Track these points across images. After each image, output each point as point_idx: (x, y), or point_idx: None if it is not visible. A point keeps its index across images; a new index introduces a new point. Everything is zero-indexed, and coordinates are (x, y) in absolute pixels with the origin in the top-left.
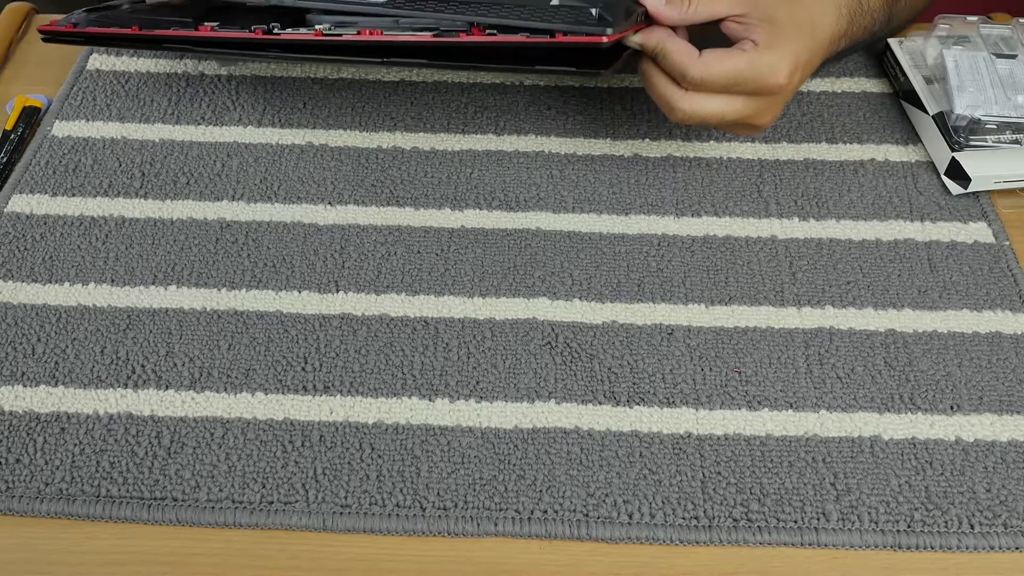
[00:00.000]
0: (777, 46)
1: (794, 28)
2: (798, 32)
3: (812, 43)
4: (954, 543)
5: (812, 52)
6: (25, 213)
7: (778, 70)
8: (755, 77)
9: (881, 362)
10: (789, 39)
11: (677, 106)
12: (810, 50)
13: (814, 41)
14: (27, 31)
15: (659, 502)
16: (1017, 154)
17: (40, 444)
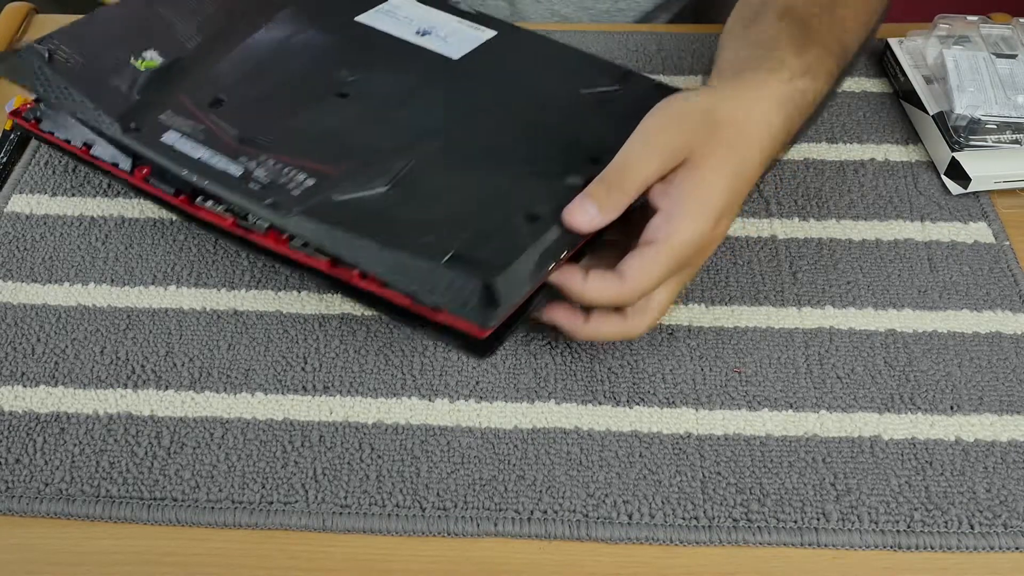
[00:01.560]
0: (695, 206)
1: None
2: (721, 179)
3: (738, 182)
4: (954, 543)
5: (739, 190)
6: (25, 213)
7: (702, 235)
8: (683, 257)
9: (881, 362)
10: (709, 192)
11: (636, 334)
12: (736, 190)
13: (740, 179)
14: (27, 31)
15: (659, 502)
16: (1017, 154)
17: (40, 444)
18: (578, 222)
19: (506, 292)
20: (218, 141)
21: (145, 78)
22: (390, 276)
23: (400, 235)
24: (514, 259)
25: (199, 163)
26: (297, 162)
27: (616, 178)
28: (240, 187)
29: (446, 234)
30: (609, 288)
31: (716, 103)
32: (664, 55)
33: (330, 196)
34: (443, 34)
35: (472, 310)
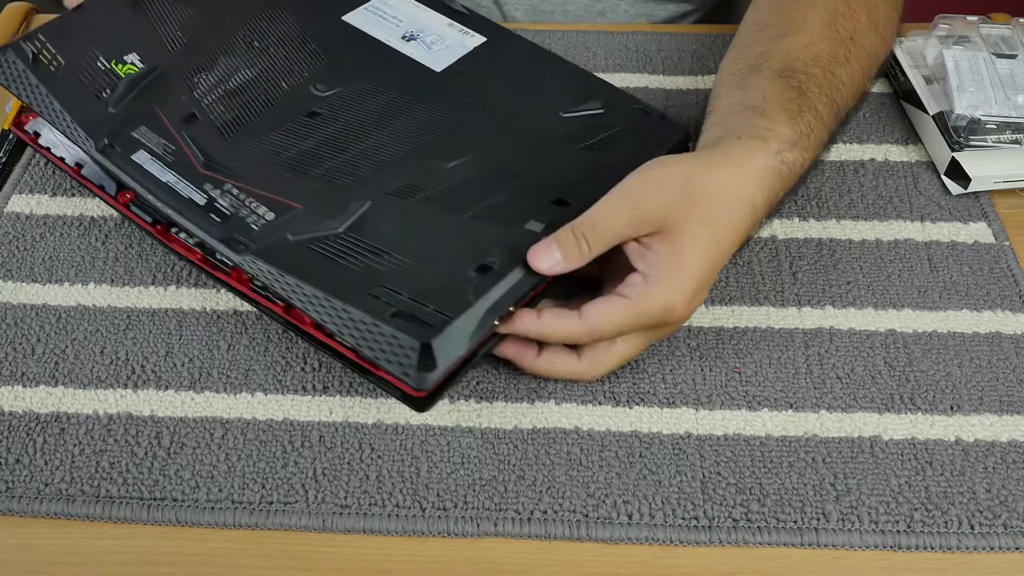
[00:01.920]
0: (673, 278)
1: (695, 251)
2: (700, 254)
3: (715, 260)
4: (954, 543)
5: (715, 267)
6: (25, 213)
7: (673, 307)
8: (648, 321)
9: (881, 362)
10: (687, 267)
11: (589, 378)
12: (712, 267)
13: (717, 256)
14: (27, 31)
15: (659, 502)
16: (1017, 154)
17: (40, 444)
18: (541, 265)
19: (444, 354)
20: (186, 164)
21: (123, 87)
22: (335, 327)
23: (347, 286)
24: (455, 318)
25: (166, 187)
26: (259, 193)
27: (587, 230)
28: (202, 218)
29: (393, 287)
30: (564, 326)
31: (700, 175)
32: (664, 55)
33: (286, 235)
34: (430, 40)
35: (408, 371)
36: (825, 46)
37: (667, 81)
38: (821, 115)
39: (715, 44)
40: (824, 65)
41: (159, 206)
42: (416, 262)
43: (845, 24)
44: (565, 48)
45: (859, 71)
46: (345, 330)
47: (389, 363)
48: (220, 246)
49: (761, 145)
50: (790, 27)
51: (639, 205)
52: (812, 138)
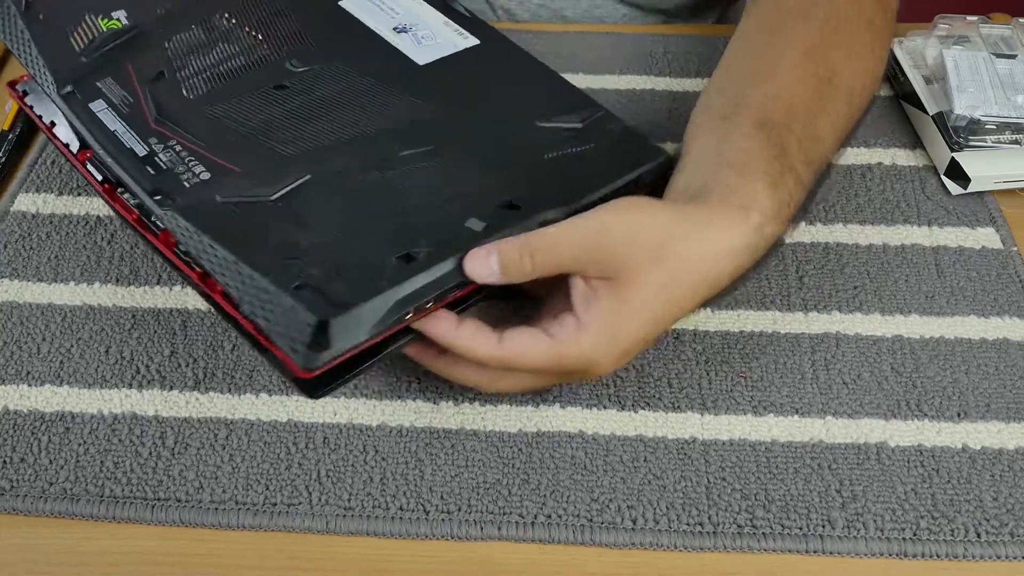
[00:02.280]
0: (606, 331)
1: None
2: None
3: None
4: (960, 552)
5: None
6: (31, 212)
7: (597, 361)
8: (567, 367)
9: (888, 368)
10: (626, 324)
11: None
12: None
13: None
14: None
15: (663, 508)
16: (1017, 154)
17: (44, 443)
18: (475, 271)
19: (340, 335)
20: (139, 117)
21: (101, 39)
22: (238, 294)
23: (261, 253)
24: (362, 301)
25: (112, 135)
26: (202, 152)
27: (536, 250)
28: (136, 168)
29: (309, 260)
30: (480, 345)
31: (676, 235)
32: (671, 57)
33: (214, 195)
34: (421, 35)
35: (297, 348)
36: (802, 91)
37: (673, 83)
38: (800, 177)
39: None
40: (802, 117)
41: (100, 153)
42: (339, 242)
43: (823, 62)
44: (573, 49)
45: (842, 112)
46: (247, 298)
47: (280, 337)
48: (145, 197)
49: (742, 217)
50: (766, 69)
51: (603, 244)
52: (792, 205)
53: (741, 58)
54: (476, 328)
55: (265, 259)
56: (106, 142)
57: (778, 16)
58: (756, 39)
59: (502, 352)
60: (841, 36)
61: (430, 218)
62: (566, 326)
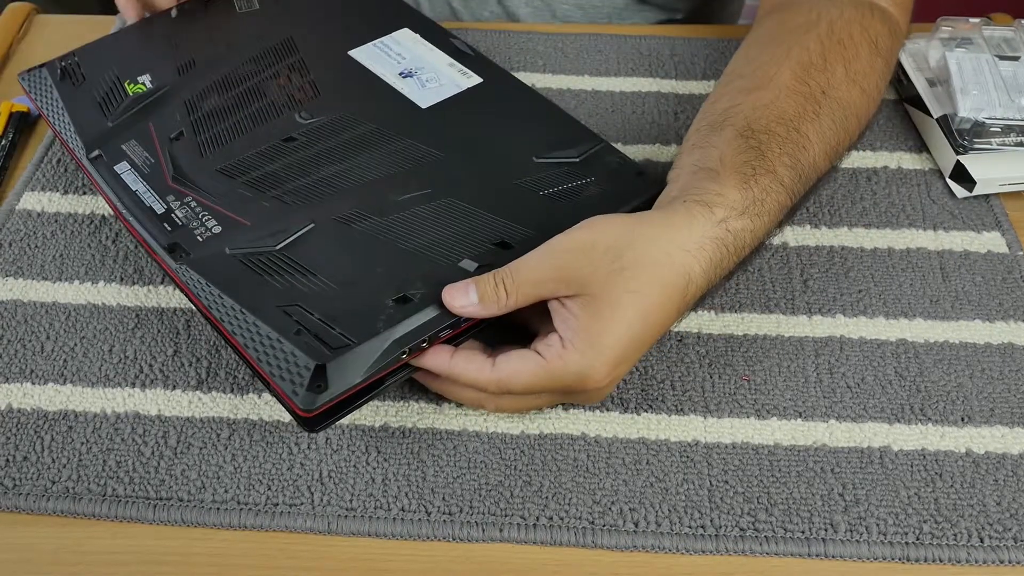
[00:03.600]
0: (591, 346)
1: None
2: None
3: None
4: (963, 556)
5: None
6: (36, 211)
7: (589, 376)
8: (561, 385)
9: (892, 372)
10: (608, 336)
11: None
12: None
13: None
14: (27, 31)
15: (665, 510)
16: (1022, 156)
17: (47, 442)
18: (455, 303)
19: (337, 378)
20: (158, 176)
21: (126, 104)
22: (243, 340)
23: (265, 301)
24: (358, 344)
25: (133, 195)
26: (214, 208)
27: (507, 279)
28: (155, 225)
29: (307, 306)
30: (474, 372)
31: (630, 240)
32: (677, 60)
33: (224, 248)
34: (425, 78)
35: (296, 390)
36: (792, 102)
37: (679, 86)
38: (780, 177)
39: (728, 49)
40: (788, 122)
41: (123, 212)
42: (338, 286)
43: (818, 77)
44: (578, 51)
45: (831, 126)
46: (252, 343)
47: (283, 380)
48: (162, 252)
49: (704, 212)
50: (759, 81)
51: (562, 265)
52: (767, 202)
53: (739, 72)
54: (470, 355)
55: (268, 307)
56: (128, 201)
57: (781, 32)
58: (757, 53)
59: (496, 374)
60: (843, 53)
61: (425, 260)
62: (552, 345)
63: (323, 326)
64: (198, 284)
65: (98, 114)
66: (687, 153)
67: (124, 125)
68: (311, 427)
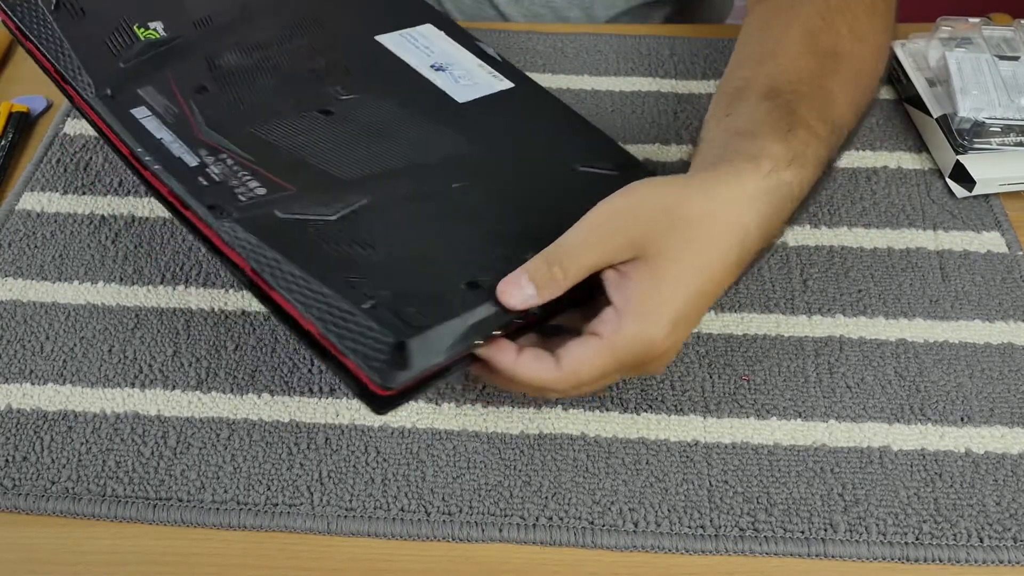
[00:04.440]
0: (649, 307)
1: (676, 275)
2: (681, 279)
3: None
4: (963, 556)
5: (702, 292)
6: (36, 211)
7: (652, 339)
8: (628, 357)
9: (891, 372)
10: (665, 293)
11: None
12: (698, 293)
13: (702, 281)
14: None
15: (665, 510)
16: (1022, 156)
17: (47, 442)
18: (513, 301)
19: (418, 356)
20: (185, 126)
21: (140, 48)
22: (306, 308)
23: (329, 269)
24: (438, 324)
25: (157, 143)
26: (255, 168)
27: (557, 258)
28: (188, 178)
29: (376, 281)
30: (541, 371)
31: (682, 198)
32: (676, 59)
33: (273, 211)
34: (457, 74)
35: (377, 365)
36: (808, 62)
37: (679, 85)
38: (815, 129)
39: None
40: (810, 81)
41: (146, 161)
42: (406, 264)
43: (825, 38)
44: (578, 51)
45: (850, 82)
46: (316, 313)
47: (357, 354)
48: (199, 208)
49: (751, 166)
50: (769, 50)
51: (611, 228)
52: (808, 154)
53: (745, 48)
54: (535, 354)
55: (335, 276)
56: (152, 150)
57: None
58: (758, 28)
59: (562, 372)
60: (843, 16)
61: (489, 249)
62: (607, 320)
63: (398, 303)
64: (247, 245)
65: (106, 53)
66: (712, 124)
67: (138, 69)
68: (381, 407)
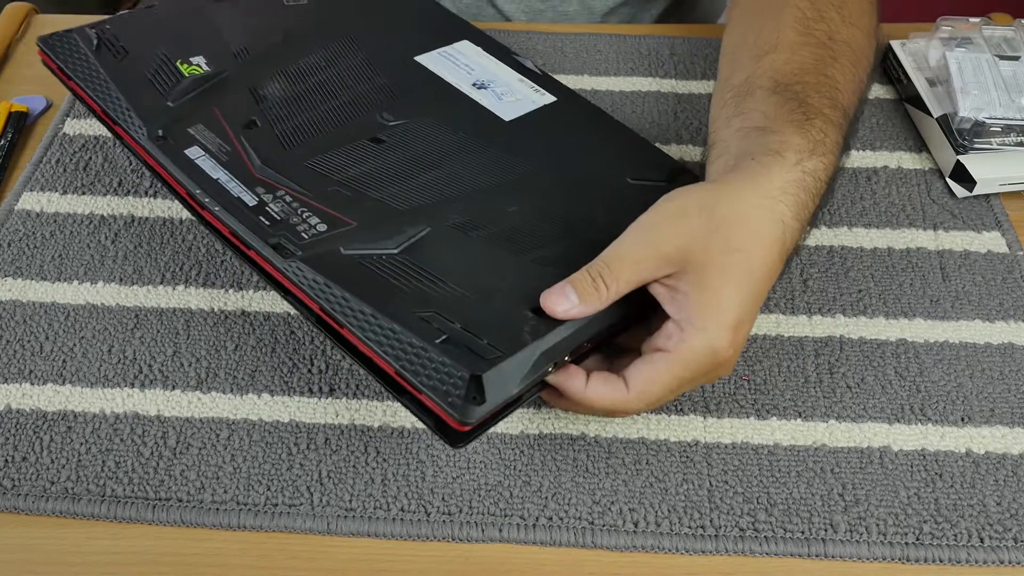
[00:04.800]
0: (708, 318)
1: (728, 282)
2: (733, 285)
3: (751, 286)
4: (963, 556)
5: (754, 294)
6: (35, 211)
7: (716, 348)
8: (695, 369)
9: (892, 372)
10: (721, 302)
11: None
12: (750, 295)
13: (753, 282)
14: (27, 31)
15: (665, 510)
16: (1022, 156)
17: (46, 442)
18: (556, 309)
19: (494, 389)
20: (240, 166)
21: (186, 85)
22: (379, 346)
23: (398, 305)
24: (509, 355)
25: (215, 184)
26: (314, 204)
27: (603, 270)
28: (250, 219)
29: (446, 314)
30: (612, 394)
31: (716, 200)
32: (676, 59)
33: (338, 247)
34: (500, 91)
35: (454, 402)
36: (807, 52)
37: (679, 85)
38: (829, 117)
39: None
40: (814, 70)
41: (206, 203)
42: (471, 294)
43: (818, 26)
44: (578, 51)
45: (849, 66)
46: (390, 351)
47: (434, 391)
48: (264, 249)
49: (777, 159)
50: (766, 47)
51: (656, 240)
52: (828, 142)
53: (740, 46)
54: (604, 380)
55: (404, 312)
56: (211, 191)
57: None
58: (748, 26)
59: (632, 393)
60: (831, 2)
61: (550, 272)
62: (671, 334)
63: (469, 336)
64: (315, 285)
65: (152, 92)
66: (723, 126)
67: (186, 107)
68: (457, 441)
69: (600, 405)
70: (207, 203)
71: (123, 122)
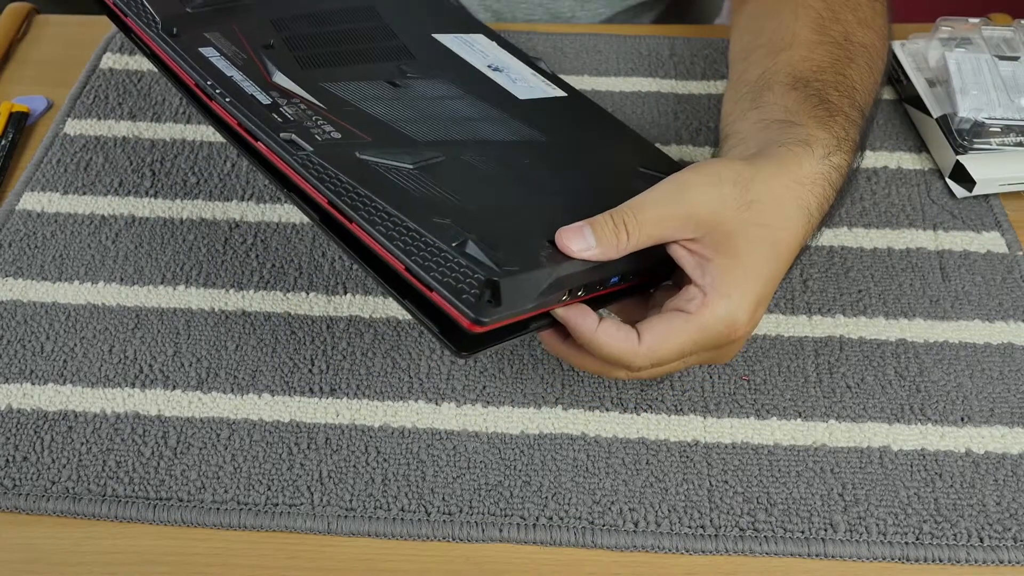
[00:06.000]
0: (733, 286)
1: (754, 255)
2: (758, 259)
3: (775, 265)
4: (963, 556)
5: (775, 274)
6: (36, 211)
7: (736, 319)
8: (712, 337)
9: (892, 372)
10: (747, 273)
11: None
12: (773, 275)
13: (776, 262)
14: (27, 31)
15: (665, 510)
16: (1022, 156)
17: (47, 442)
18: (571, 246)
19: (511, 297)
20: (255, 71)
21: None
22: (391, 240)
23: (413, 206)
24: (529, 270)
25: (228, 80)
26: (330, 116)
27: (628, 218)
28: (262, 112)
29: (464, 223)
30: (622, 342)
31: (754, 176)
32: (676, 59)
33: (353, 152)
34: (514, 76)
35: (468, 299)
36: (823, 51)
37: (679, 86)
38: (850, 116)
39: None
40: (831, 69)
41: (216, 95)
42: (490, 213)
43: (834, 27)
44: (578, 51)
45: (866, 68)
46: (401, 246)
47: (448, 288)
48: (278, 146)
49: (807, 150)
50: (782, 44)
51: (689, 200)
52: (848, 141)
53: (753, 44)
54: (616, 326)
55: (421, 214)
56: (222, 85)
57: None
58: (762, 25)
59: (644, 347)
60: (845, 4)
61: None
62: (693, 296)
63: (487, 245)
64: (325, 178)
65: None
66: (740, 119)
67: (204, 16)
68: (462, 347)
69: (607, 352)
70: (217, 94)
71: (135, 14)
